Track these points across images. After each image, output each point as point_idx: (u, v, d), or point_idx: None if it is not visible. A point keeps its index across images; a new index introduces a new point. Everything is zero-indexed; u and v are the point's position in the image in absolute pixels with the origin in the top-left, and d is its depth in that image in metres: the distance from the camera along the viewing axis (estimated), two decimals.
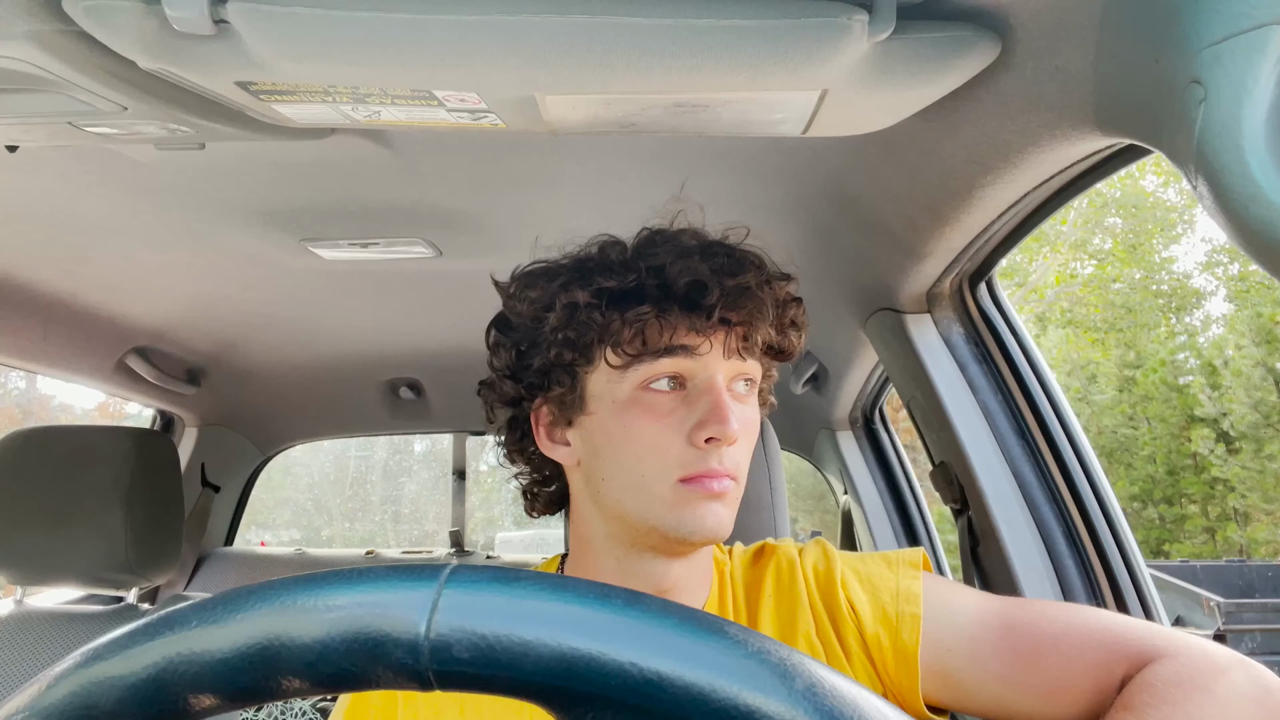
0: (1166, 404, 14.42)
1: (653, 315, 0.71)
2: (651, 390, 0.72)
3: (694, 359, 0.72)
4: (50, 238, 1.27)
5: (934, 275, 1.14)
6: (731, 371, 0.74)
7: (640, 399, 0.72)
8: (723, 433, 0.69)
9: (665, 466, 0.71)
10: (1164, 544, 14.23)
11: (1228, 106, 0.44)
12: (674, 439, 0.71)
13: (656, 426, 0.71)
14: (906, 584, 0.76)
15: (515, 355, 0.78)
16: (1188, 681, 0.62)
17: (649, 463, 0.71)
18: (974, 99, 0.74)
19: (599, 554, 0.77)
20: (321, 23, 0.58)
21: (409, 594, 0.29)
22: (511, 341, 0.78)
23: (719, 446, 0.70)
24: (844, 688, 0.28)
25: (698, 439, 0.70)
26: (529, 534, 8.89)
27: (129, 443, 1.32)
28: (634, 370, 0.72)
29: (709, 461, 0.70)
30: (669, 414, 0.72)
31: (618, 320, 0.72)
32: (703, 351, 0.72)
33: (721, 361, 0.73)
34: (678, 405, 0.72)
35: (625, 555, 0.76)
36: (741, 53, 0.62)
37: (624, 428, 0.72)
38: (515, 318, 0.79)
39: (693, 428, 0.70)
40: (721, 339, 0.73)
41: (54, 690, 0.30)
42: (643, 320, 0.71)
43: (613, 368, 0.73)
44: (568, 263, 0.78)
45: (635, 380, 0.72)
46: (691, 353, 0.72)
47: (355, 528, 14.01)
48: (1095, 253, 17.38)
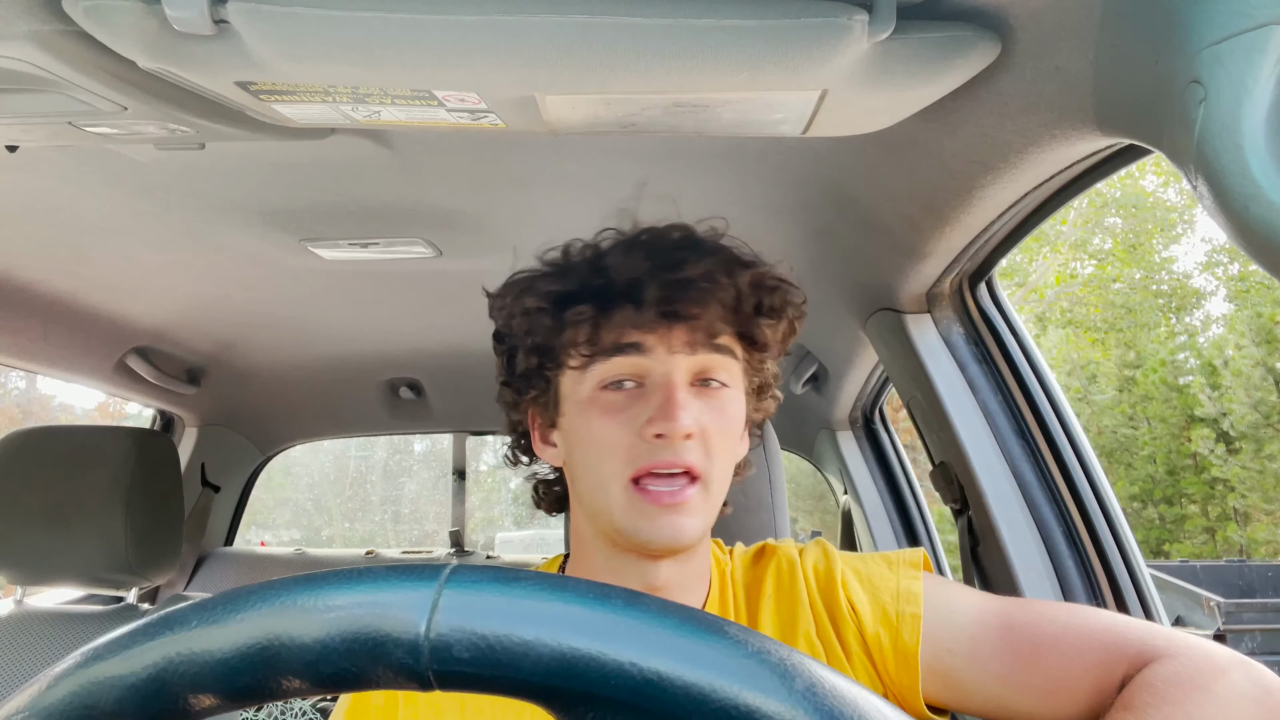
0: (1166, 404, 14.42)
1: (590, 315, 0.72)
2: (608, 390, 0.73)
3: (646, 356, 0.72)
4: (50, 238, 1.27)
5: (934, 275, 1.14)
6: (693, 366, 0.73)
7: (599, 399, 0.73)
8: (669, 428, 0.68)
9: (618, 465, 0.71)
10: (1164, 544, 14.23)
11: (1228, 106, 0.44)
12: (627, 436, 0.71)
13: (612, 424, 0.71)
14: (907, 584, 0.76)
15: (506, 362, 0.81)
16: (1188, 681, 0.62)
17: (607, 462, 0.71)
18: (974, 99, 0.74)
19: (591, 554, 0.78)
20: (321, 23, 0.58)
21: (409, 594, 0.29)
22: (504, 349, 0.81)
23: (670, 442, 0.69)
24: (844, 688, 0.28)
25: (647, 434, 0.69)
26: (529, 534, 8.89)
27: (129, 443, 1.32)
28: (591, 370, 0.73)
29: (659, 454, 0.69)
30: (623, 411, 0.72)
31: (563, 323, 0.73)
32: (650, 346, 0.72)
33: (678, 358, 0.72)
34: (633, 403, 0.72)
35: (611, 555, 0.76)
36: (741, 53, 0.62)
37: (586, 427, 0.73)
38: (500, 327, 0.81)
39: (644, 423, 0.70)
40: (673, 334, 0.72)
41: (54, 690, 0.30)
42: (584, 321, 0.72)
43: (573, 369, 0.74)
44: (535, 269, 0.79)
45: (594, 380, 0.73)
46: (642, 350, 0.72)
47: (355, 528, 14.01)
48: (1095, 253, 17.38)
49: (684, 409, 0.69)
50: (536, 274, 0.78)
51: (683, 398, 0.70)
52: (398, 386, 2.19)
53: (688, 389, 0.72)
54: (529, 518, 12.09)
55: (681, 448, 0.69)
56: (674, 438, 0.69)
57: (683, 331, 0.72)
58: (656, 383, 0.72)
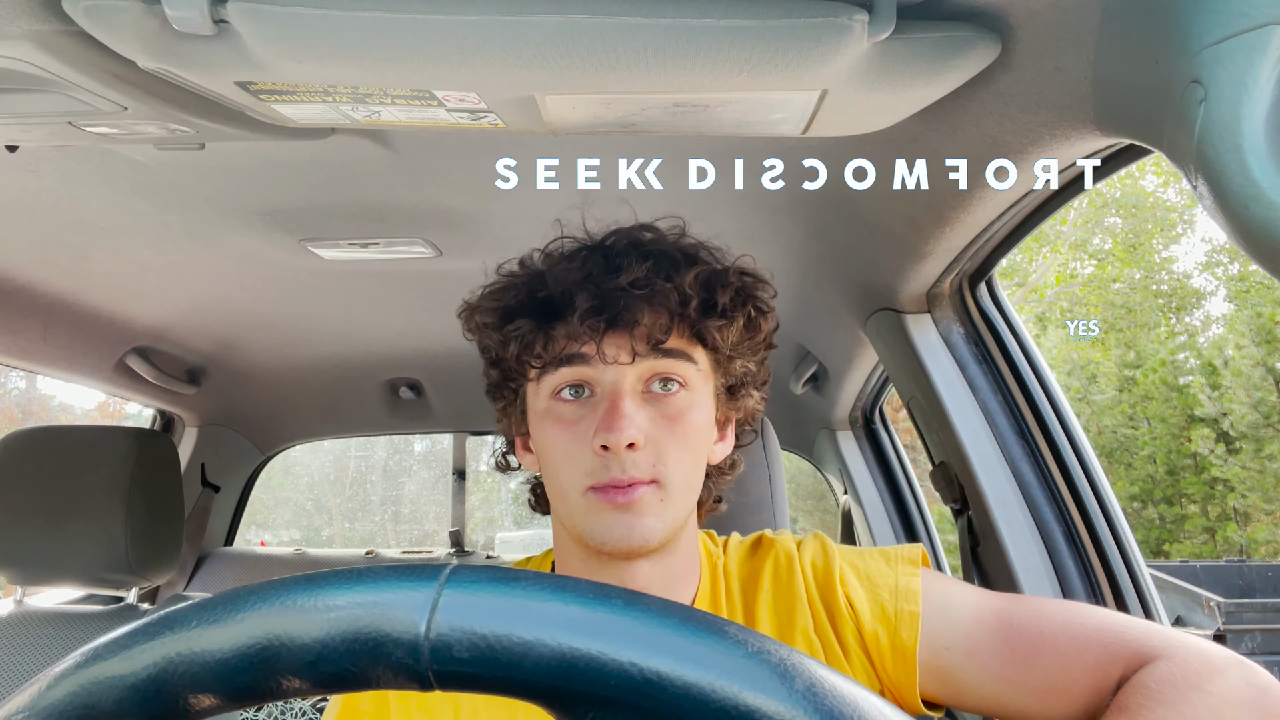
0: (1166, 404, 14.41)
1: (527, 331, 0.72)
2: (560, 399, 0.73)
3: (592, 365, 0.72)
4: (50, 238, 1.27)
5: (934, 275, 1.14)
6: (643, 373, 0.72)
7: (552, 409, 0.74)
8: (611, 440, 0.68)
9: (575, 476, 0.71)
10: (1164, 544, 14.22)
11: (1228, 106, 0.44)
12: (581, 448, 0.70)
13: (565, 435, 0.72)
14: (905, 581, 0.76)
15: (485, 374, 0.82)
16: (1182, 682, 0.62)
17: (564, 472, 0.72)
18: (974, 99, 0.74)
19: (569, 557, 0.79)
20: (321, 23, 0.58)
21: (409, 594, 0.29)
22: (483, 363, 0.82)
23: (616, 454, 0.69)
24: (844, 687, 0.28)
25: (595, 446, 0.69)
26: (529, 534, 8.88)
27: (129, 443, 1.32)
28: (544, 381, 0.74)
29: (609, 471, 0.69)
30: (575, 422, 0.72)
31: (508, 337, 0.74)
32: (590, 354, 0.71)
33: (619, 366, 0.71)
34: (585, 413, 0.72)
35: (586, 558, 0.76)
36: (741, 53, 0.62)
37: (544, 437, 0.74)
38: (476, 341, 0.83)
39: (593, 435, 0.70)
40: (611, 343, 0.71)
41: (54, 690, 0.30)
42: (519, 336, 0.73)
43: (530, 380, 0.75)
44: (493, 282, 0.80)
45: (546, 390, 0.74)
46: (586, 360, 0.71)
47: (355, 528, 14.00)
48: (1095, 253, 17.37)
49: (626, 419, 0.68)
50: (488, 289, 0.79)
51: (627, 407, 0.69)
52: (398, 386, 2.19)
53: (637, 396, 0.72)
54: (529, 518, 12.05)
55: (628, 461, 0.69)
56: (617, 449, 0.68)
57: (621, 339, 0.71)
58: (604, 392, 0.72)
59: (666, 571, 0.77)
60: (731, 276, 0.76)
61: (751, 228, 1.28)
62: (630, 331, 0.71)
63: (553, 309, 0.72)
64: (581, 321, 0.70)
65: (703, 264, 0.75)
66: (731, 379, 0.79)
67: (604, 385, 0.72)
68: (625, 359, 0.71)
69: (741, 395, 0.81)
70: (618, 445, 0.68)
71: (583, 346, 0.71)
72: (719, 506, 0.79)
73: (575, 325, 0.70)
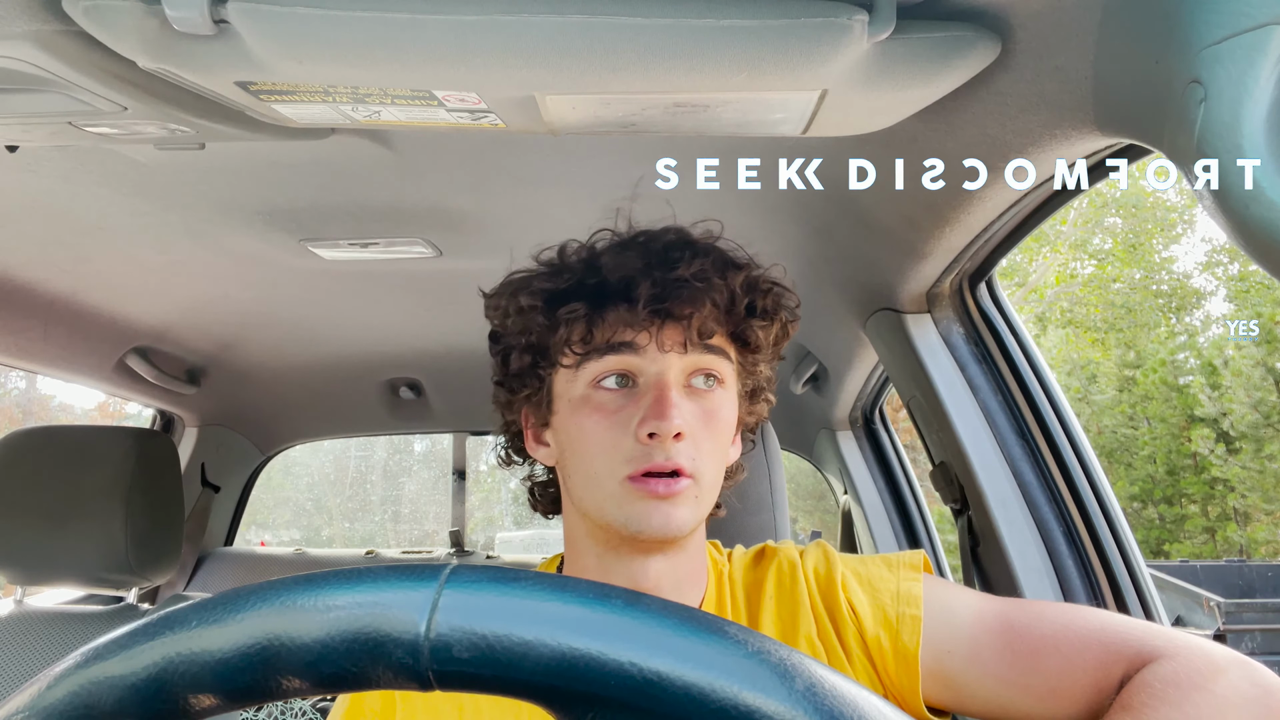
0: (1166, 404, 14.41)
1: (583, 313, 0.72)
2: (601, 388, 0.73)
3: (639, 355, 0.72)
4: (50, 238, 1.27)
5: (934, 275, 1.14)
6: (687, 366, 0.74)
7: (591, 397, 0.74)
8: (660, 427, 0.69)
9: (613, 464, 0.71)
10: (1164, 544, 14.22)
11: (1228, 106, 0.44)
12: (622, 436, 0.71)
13: (605, 424, 0.72)
14: (907, 586, 0.76)
15: (500, 362, 0.81)
16: (1186, 681, 0.62)
17: (600, 460, 0.72)
18: (974, 99, 0.74)
19: (582, 552, 0.78)
20: (321, 23, 0.58)
21: (409, 594, 0.29)
22: (499, 349, 0.81)
23: (662, 442, 0.70)
24: (844, 688, 0.28)
25: (641, 434, 0.70)
26: (529, 534, 8.89)
27: (129, 443, 1.32)
28: (584, 369, 0.74)
29: (653, 457, 0.70)
30: (617, 411, 0.72)
31: (558, 320, 0.73)
32: (643, 345, 0.72)
33: (670, 356, 0.72)
34: (626, 402, 0.72)
35: (603, 553, 0.76)
36: (741, 53, 0.62)
37: (579, 425, 0.74)
38: (496, 326, 0.82)
39: (637, 424, 0.70)
40: (666, 333, 0.72)
41: (54, 690, 0.30)
42: (576, 318, 0.72)
43: (566, 367, 0.75)
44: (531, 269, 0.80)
45: (586, 378, 0.74)
46: (634, 348, 0.72)
47: (355, 528, 14.00)
48: (1095, 253, 17.37)
49: (676, 408, 0.70)
50: (532, 273, 0.79)
51: (675, 397, 0.71)
52: (398, 386, 2.19)
53: (680, 389, 0.73)
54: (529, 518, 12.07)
55: (673, 448, 0.70)
56: (665, 437, 0.69)
57: (675, 330, 0.73)
58: (649, 382, 0.73)
59: (678, 570, 0.77)
60: (769, 282, 0.78)
61: (751, 227, 1.28)
62: (685, 323, 0.72)
63: (607, 296, 0.73)
64: (643, 308, 0.71)
65: (750, 267, 0.77)
66: (754, 382, 0.81)
67: (649, 375, 0.73)
68: (678, 350, 0.73)
69: (759, 400, 0.82)
70: (667, 434, 0.69)
71: (636, 335, 0.72)
72: (718, 511, 0.80)
73: (633, 312, 0.71)
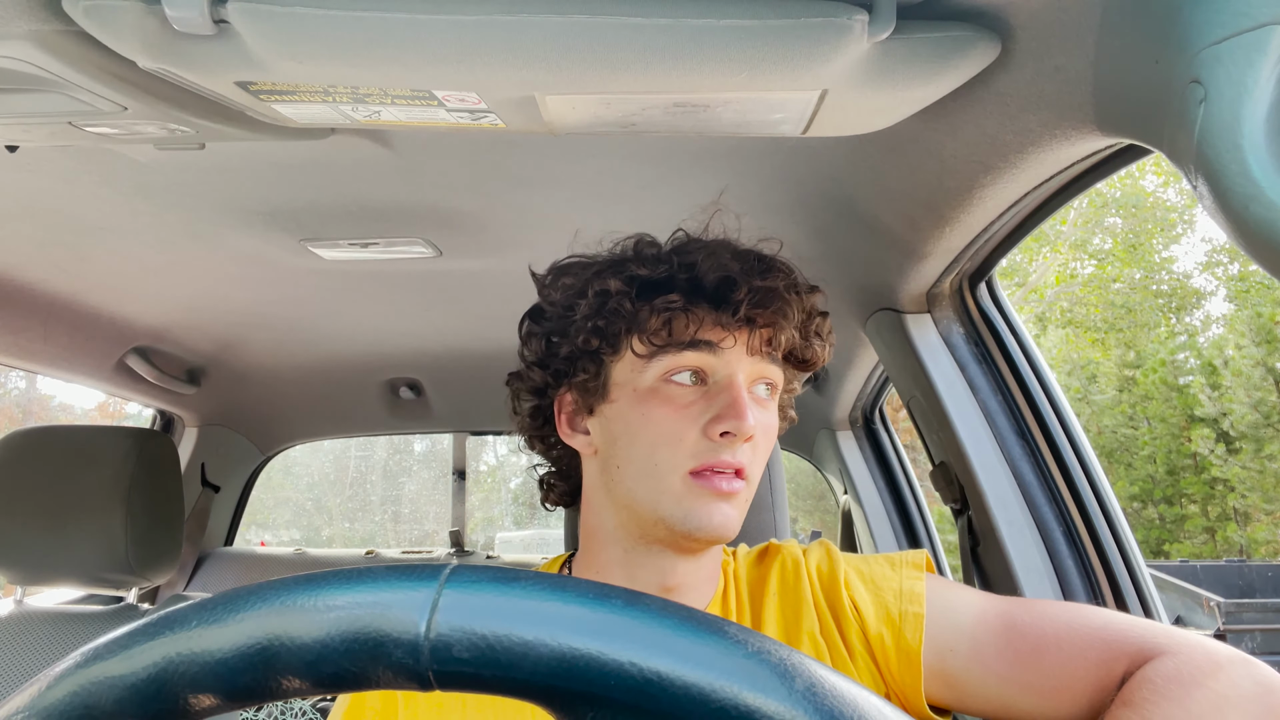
0: (1166, 404, 14.41)
1: (681, 306, 0.73)
2: (673, 382, 0.74)
3: (717, 355, 0.73)
4: (50, 238, 1.27)
5: (934, 275, 1.14)
6: (754, 372, 0.75)
7: (661, 389, 0.74)
8: (738, 427, 0.70)
9: (677, 457, 0.71)
10: (1164, 544, 14.22)
11: (1228, 106, 0.44)
12: (689, 430, 0.72)
13: (674, 417, 0.72)
14: (909, 584, 0.76)
15: (545, 344, 0.80)
16: (1188, 678, 0.62)
17: (662, 452, 0.72)
18: (974, 99, 0.74)
19: (606, 546, 0.78)
20: (321, 23, 0.58)
21: (409, 594, 0.29)
22: (543, 330, 0.81)
23: (733, 442, 0.71)
24: (844, 688, 0.28)
25: (713, 432, 0.71)
26: (529, 534, 8.89)
27: (129, 443, 1.32)
28: (658, 361, 0.74)
29: (720, 454, 0.71)
30: (687, 406, 0.73)
31: (646, 309, 0.74)
32: (726, 347, 0.73)
33: (744, 360, 0.74)
34: (697, 399, 0.73)
35: (633, 548, 0.76)
36: (741, 53, 0.62)
37: (643, 416, 0.74)
38: (549, 306, 0.81)
39: (709, 421, 0.71)
40: (745, 338, 0.74)
41: (54, 690, 0.30)
42: (671, 310, 0.73)
43: (638, 356, 0.74)
44: (603, 256, 0.80)
45: (658, 371, 0.74)
46: (715, 348, 0.73)
47: (355, 528, 14.00)
48: (1095, 253, 17.37)
49: (751, 410, 0.71)
50: (615, 258, 0.79)
51: (748, 400, 0.72)
52: (398, 386, 2.19)
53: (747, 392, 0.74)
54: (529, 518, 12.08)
55: (740, 449, 0.71)
56: (739, 438, 0.71)
57: (757, 337, 0.74)
58: (721, 382, 0.73)
59: (699, 571, 0.78)
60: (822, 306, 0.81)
61: (751, 227, 1.28)
62: (766, 332, 0.74)
63: (701, 293, 0.74)
64: (741, 310, 0.72)
65: (818, 289, 0.80)
66: (786, 399, 0.83)
67: (721, 376, 0.74)
68: (757, 356, 0.74)
69: (785, 416, 0.84)
70: (742, 434, 0.71)
71: (723, 336, 0.73)
72: None
73: (728, 314, 0.73)
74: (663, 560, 0.75)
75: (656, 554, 0.75)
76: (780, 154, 1.07)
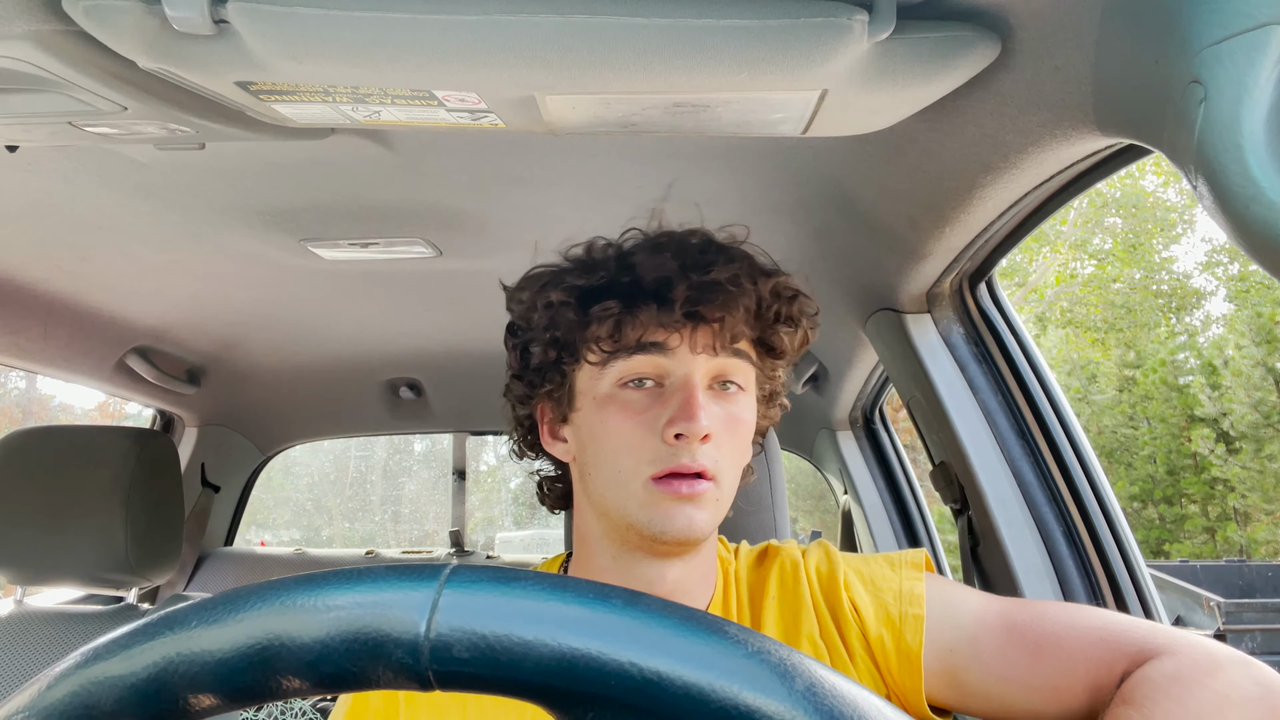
0: (1166, 404, 14.41)
1: (617, 311, 0.72)
2: (628, 388, 0.73)
3: (668, 356, 0.73)
4: (50, 238, 1.27)
5: (934, 275, 1.14)
6: (712, 369, 0.74)
7: (617, 396, 0.74)
8: (689, 428, 0.69)
9: (638, 463, 0.71)
10: (1164, 544, 14.22)
11: (1228, 106, 0.44)
12: (648, 435, 0.71)
13: (631, 423, 0.72)
14: (909, 585, 0.76)
15: (519, 355, 0.81)
16: (1188, 677, 0.62)
17: (624, 459, 0.72)
18: (974, 99, 0.74)
19: (596, 553, 0.78)
20: (321, 23, 0.58)
21: (409, 594, 0.29)
22: (516, 342, 0.81)
23: (689, 443, 0.70)
24: (844, 688, 0.28)
25: (668, 435, 0.70)
26: (529, 534, 8.90)
27: (129, 443, 1.32)
28: (611, 367, 0.74)
29: (679, 457, 0.70)
30: (643, 411, 0.72)
31: (588, 318, 0.73)
32: (673, 346, 0.72)
33: (699, 359, 0.73)
34: (653, 403, 0.73)
35: (619, 554, 0.76)
36: (741, 53, 0.62)
37: (602, 423, 0.74)
38: (517, 320, 0.82)
39: (664, 424, 0.71)
40: (696, 336, 0.73)
41: (54, 690, 0.30)
42: (610, 316, 0.72)
43: (592, 364, 0.74)
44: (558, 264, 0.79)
45: (613, 377, 0.74)
46: (665, 349, 0.72)
47: (355, 528, 14.01)
48: (1095, 253, 17.37)
49: (704, 410, 0.70)
50: (562, 268, 0.79)
51: (702, 399, 0.71)
52: (398, 386, 2.19)
53: (705, 391, 0.73)
54: (529, 518, 12.08)
55: (698, 450, 0.70)
56: (693, 439, 0.70)
57: (706, 334, 0.73)
58: (676, 383, 0.73)
59: (692, 573, 0.77)
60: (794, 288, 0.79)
61: (752, 228, 1.28)
62: (716, 327, 0.73)
63: (640, 295, 0.73)
64: (680, 310, 0.71)
65: (778, 273, 0.78)
66: (771, 387, 0.81)
67: (676, 376, 0.73)
68: (707, 353, 0.73)
69: (774, 405, 0.83)
70: (695, 435, 0.69)
71: (667, 336, 0.73)
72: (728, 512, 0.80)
73: (669, 314, 0.72)
74: (649, 567, 0.75)
75: (641, 560, 0.75)
76: (780, 154, 1.07)
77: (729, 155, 1.08)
